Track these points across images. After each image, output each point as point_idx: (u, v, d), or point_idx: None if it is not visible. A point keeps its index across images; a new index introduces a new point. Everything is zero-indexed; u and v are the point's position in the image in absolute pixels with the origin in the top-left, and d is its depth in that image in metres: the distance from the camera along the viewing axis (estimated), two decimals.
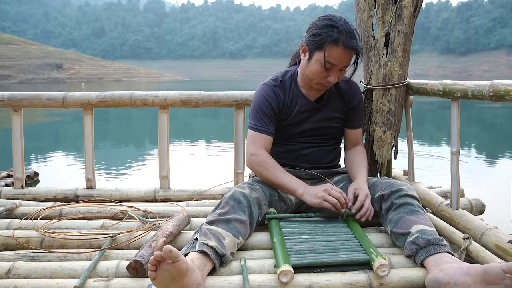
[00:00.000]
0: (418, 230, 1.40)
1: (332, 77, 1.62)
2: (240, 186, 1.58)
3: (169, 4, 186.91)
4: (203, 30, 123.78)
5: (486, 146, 6.64)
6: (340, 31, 1.56)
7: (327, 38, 1.56)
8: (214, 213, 1.46)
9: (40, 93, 2.31)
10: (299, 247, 1.40)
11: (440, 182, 2.71)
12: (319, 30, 1.59)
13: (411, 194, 1.54)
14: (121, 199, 2.22)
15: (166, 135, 2.31)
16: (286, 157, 1.80)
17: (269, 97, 1.73)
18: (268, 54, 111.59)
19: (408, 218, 1.45)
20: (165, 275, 1.13)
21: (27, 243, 1.57)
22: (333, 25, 1.57)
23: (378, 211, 1.60)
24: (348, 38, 1.56)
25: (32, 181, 3.92)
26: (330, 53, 1.58)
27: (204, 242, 1.32)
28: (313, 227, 1.55)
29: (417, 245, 1.36)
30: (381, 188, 1.60)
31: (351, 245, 1.43)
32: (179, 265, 1.13)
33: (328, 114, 1.79)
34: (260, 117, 1.72)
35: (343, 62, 1.60)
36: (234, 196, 1.49)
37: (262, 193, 1.59)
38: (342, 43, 1.56)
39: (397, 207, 1.50)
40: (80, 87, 27.45)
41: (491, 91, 1.46)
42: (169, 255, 1.10)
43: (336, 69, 1.62)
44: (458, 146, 1.75)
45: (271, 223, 1.56)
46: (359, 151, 1.85)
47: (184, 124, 10.04)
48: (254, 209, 1.51)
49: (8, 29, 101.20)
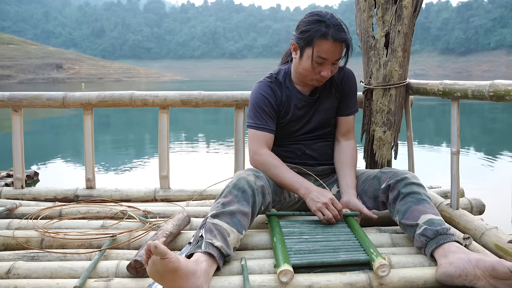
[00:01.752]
0: (425, 220, 1.43)
1: (325, 71, 1.62)
2: (245, 173, 1.54)
3: (169, 4, 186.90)
4: (203, 30, 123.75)
5: (486, 146, 6.64)
6: (328, 25, 1.56)
7: (315, 33, 1.57)
8: (218, 203, 1.44)
9: (40, 93, 2.31)
10: (299, 247, 1.40)
11: (440, 182, 2.70)
12: (307, 27, 1.59)
13: (416, 182, 1.55)
14: (121, 199, 2.22)
15: (166, 135, 2.31)
16: (291, 156, 1.80)
17: (266, 94, 1.73)
18: (268, 54, 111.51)
19: (415, 208, 1.48)
20: (153, 268, 1.15)
21: (27, 243, 1.57)
22: (320, 20, 1.57)
23: (385, 201, 1.61)
24: (336, 31, 1.56)
25: (32, 181, 3.93)
26: (320, 48, 1.58)
27: (210, 242, 1.32)
28: (313, 227, 1.55)
29: (426, 237, 1.40)
30: (386, 179, 1.61)
31: (351, 245, 1.42)
32: (165, 263, 1.13)
33: (324, 106, 1.78)
34: (259, 115, 1.72)
35: (334, 56, 1.60)
36: (238, 185, 1.46)
37: (266, 181, 1.58)
38: (331, 37, 1.56)
39: (404, 197, 1.52)
40: (80, 87, 27.45)
41: (491, 91, 1.46)
42: (154, 250, 1.11)
43: (328, 63, 1.61)
44: (458, 146, 1.75)
45: (271, 220, 1.56)
46: (349, 147, 1.80)
47: (184, 124, 10.04)
48: (257, 198, 1.49)
49: (8, 29, 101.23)
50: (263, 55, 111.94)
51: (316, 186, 1.62)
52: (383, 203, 1.63)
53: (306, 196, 1.59)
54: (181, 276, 1.16)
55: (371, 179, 1.68)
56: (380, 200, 1.63)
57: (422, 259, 1.40)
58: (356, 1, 2.00)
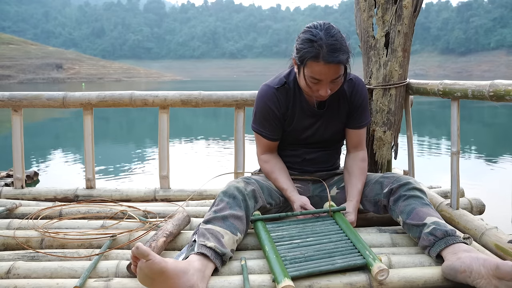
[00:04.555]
0: (433, 221, 1.43)
1: (322, 90, 1.53)
2: (235, 181, 1.57)
3: (169, 4, 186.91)
4: (203, 30, 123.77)
5: (486, 146, 6.64)
6: (320, 46, 1.45)
7: (306, 54, 1.48)
8: (210, 211, 1.46)
9: (40, 93, 2.30)
10: (293, 254, 1.36)
11: (440, 182, 2.71)
12: (300, 45, 1.51)
13: (419, 188, 1.55)
14: (121, 199, 2.22)
15: (166, 135, 2.31)
16: (291, 161, 1.79)
17: (271, 103, 1.68)
18: (268, 54, 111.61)
19: (420, 209, 1.47)
20: (141, 274, 1.14)
21: (27, 243, 1.57)
22: (312, 40, 1.47)
23: (387, 205, 1.59)
24: (329, 52, 1.45)
25: (32, 181, 3.93)
26: (312, 69, 1.49)
27: (202, 244, 1.32)
28: (302, 228, 1.52)
29: (435, 236, 1.39)
30: (388, 184, 1.60)
31: (344, 246, 1.40)
32: (150, 264, 1.13)
33: (331, 120, 1.74)
34: (263, 124, 1.71)
35: (328, 77, 1.50)
36: (228, 192, 1.49)
37: (257, 186, 1.59)
38: (322, 59, 1.45)
39: (406, 198, 1.52)
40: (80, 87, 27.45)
41: (491, 91, 1.46)
42: (136, 251, 1.11)
43: (324, 83, 1.52)
44: (458, 146, 1.75)
45: (257, 226, 1.51)
46: (359, 159, 1.74)
47: (184, 124, 10.04)
48: (250, 202, 1.51)
49: (8, 29, 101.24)
50: (263, 55, 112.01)
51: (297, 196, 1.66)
52: (385, 207, 1.61)
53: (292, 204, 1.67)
54: (171, 276, 1.15)
55: (372, 184, 1.67)
56: (382, 204, 1.61)
57: (422, 259, 1.40)
58: (356, 1, 2.00)
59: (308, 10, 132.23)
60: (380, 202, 1.62)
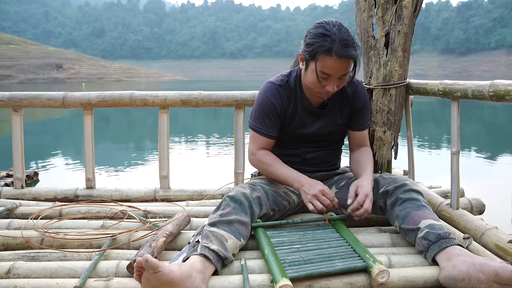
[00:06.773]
0: (427, 225, 1.42)
1: (330, 86, 1.55)
2: (241, 186, 1.58)
3: (169, 4, 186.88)
4: (203, 30, 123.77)
5: (486, 146, 6.64)
6: (333, 40, 1.47)
7: (319, 48, 1.49)
8: (216, 214, 1.46)
9: (40, 93, 2.31)
10: (293, 257, 1.36)
11: (440, 182, 2.71)
12: (311, 40, 1.52)
13: (415, 189, 1.54)
14: (121, 199, 2.22)
15: (166, 135, 2.31)
16: (290, 160, 1.78)
17: (273, 98, 1.68)
18: (268, 54, 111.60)
19: (415, 213, 1.47)
20: (148, 285, 1.15)
21: (27, 243, 1.57)
22: (326, 34, 1.49)
23: (383, 206, 1.59)
24: (341, 47, 1.48)
25: (32, 181, 3.93)
26: (324, 64, 1.50)
27: (206, 245, 1.32)
28: (302, 235, 1.52)
29: (428, 240, 1.38)
30: (384, 184, 1.59)
31: (344, 251, 1.40)
32: (160, 276, 1.13)
33: (332, 120, 1.74)
34: (262, 120, 1.70)
35: (339, 72, 1.52)
36: (235, 197, 1.49)
37: (263, 192, 1.59)
38: (335, 53, 1.47)
39: (402, 202, 1.51)
40: (80, 87, 27.45)
41: (491, 91, 1.46)
42: (146, 264, 1.10)
43: (333, 78, 1.54)
44: (458, 146, 1.75)
45: (257, 232, 1.51)
46: (364, 151, 1.77)
47: (184, 124, 10.04)
48: (255, 208, 1.52)
49: (8, 29, 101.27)
50: (263, 55, 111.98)
51: (309, 179, 1.62)
52: (381, 208, 1.60)
53: (299, 189, 1.62)
54: (177, 282, 1.16)
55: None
56: (378, 205, 1.60)
57: (422, 259, 1.40)
58: (356, 1, 2.00)
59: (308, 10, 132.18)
60: (377, 203, 1.61)
